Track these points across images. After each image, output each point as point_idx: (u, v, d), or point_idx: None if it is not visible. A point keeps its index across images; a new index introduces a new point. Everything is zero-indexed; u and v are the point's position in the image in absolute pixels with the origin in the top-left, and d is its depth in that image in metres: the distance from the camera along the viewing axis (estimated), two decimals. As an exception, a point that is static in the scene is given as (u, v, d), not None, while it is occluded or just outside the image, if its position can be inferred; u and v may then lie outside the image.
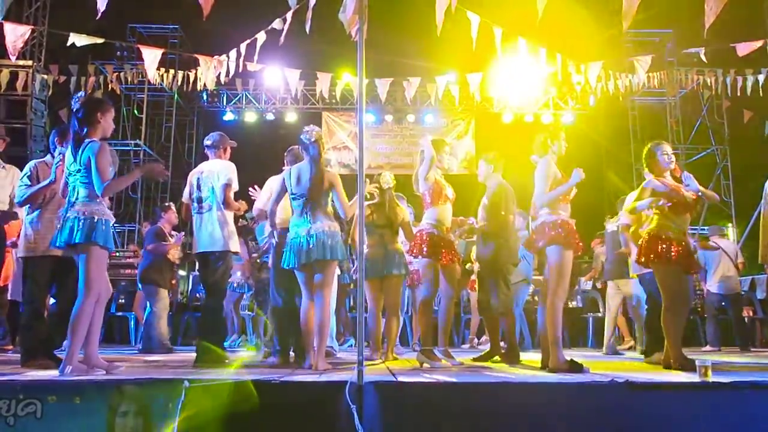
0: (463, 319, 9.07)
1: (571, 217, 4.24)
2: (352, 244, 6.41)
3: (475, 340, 8.24)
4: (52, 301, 5.09)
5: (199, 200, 4.86)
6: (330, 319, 4.50)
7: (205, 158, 5.08)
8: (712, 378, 3.21)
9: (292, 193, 4.38)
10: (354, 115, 14.58)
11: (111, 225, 3.81)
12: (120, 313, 8.86)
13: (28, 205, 4.59)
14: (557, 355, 4.00)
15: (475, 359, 5.27)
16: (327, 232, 4.26)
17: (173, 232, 7.24)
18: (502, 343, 5.52)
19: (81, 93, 3.93)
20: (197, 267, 5.16)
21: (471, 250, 8.01)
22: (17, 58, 6.29)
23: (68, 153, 3.85)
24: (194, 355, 4.89)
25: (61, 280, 4.54)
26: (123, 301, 8.99)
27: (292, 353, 4.87)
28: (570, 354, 4.32)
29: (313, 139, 4.40)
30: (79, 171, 3.78)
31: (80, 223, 3.67)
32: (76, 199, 3.77)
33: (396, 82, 8.78)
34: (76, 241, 3.66)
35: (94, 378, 3.32)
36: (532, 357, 5.57)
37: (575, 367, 3.92)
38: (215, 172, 4.85)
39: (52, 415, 2.90)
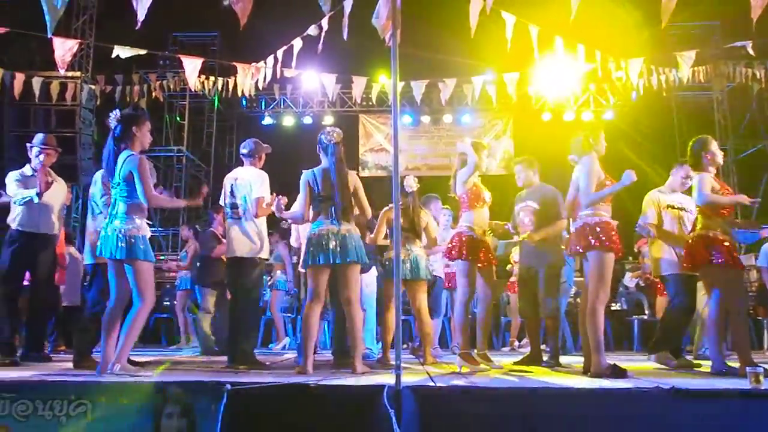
0: (502, 321, 8.99)
1: (612, 217, 4.18)
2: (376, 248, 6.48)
3: (516, 343, 8.16)
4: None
5: (233, 206, 4.94)
6: (361, 321, 4.47)
7: (242, 163, 5.19)
8: (765, 385, 3.10)
9: (318, 195, 4.40)
10: (389, 117, 14.60)
11: (148, 238, 3.95)
12: (165, 315, 9.09)
13: (92, 215, 4.84)
14: (599, 360, 3.93)
15: (516, 363, 5.22)
16: (351, 235, 4.28)
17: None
18: (543, 347, 5.45)
19: (116, 111, 4.06)
20: (228, 272, 5.24)
21: (510, 252, 7.93)
22: (66, 70, 6.50)
23: (100, 173, 4.00)
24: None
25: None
26: (167, 303, 9.23)
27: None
28: (614, 358, 4.24)
29: (333, 140, 4.42)
30: (118, 185, 3.92)
31: (120, 241, 3.83)
32: (116, 213, 3.92)
33: (432, 83, 8.75)
34: (118, 257, 3.86)
35: (141, 380, 3.42)
36: (573, 361, 5.48)
37: (618, 373, 3.84)
38: (249, 181, 4.94)
39: (101, 415, 3.01)
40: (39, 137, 5.41)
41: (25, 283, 5.43)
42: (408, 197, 5.45)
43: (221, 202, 5.10)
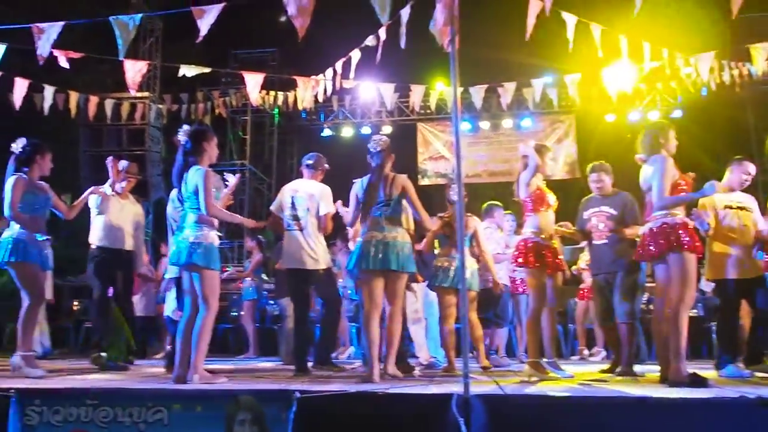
0: (570, 329, 8.75)
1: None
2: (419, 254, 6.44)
3: (585, 351, 7.94)
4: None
5: (295, 218, 5.01)
6: (398, 328, 4.40)
7: (301, 175, 5.27)
8: None
9: (365, 203, 4.37)
10: (449, 125, 14.56)
11: (216, 247, 4.05)
12: (230, 325, 9.30)
13: (171, 232, 5.05)
14: (679, 368, 3.72)
15: (603, 371, 5.09)
16: (396, 242, 4.25)
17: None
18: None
19: (186, 126, 4.21)
20: (289, 282, 5.31)
21: (578, 258, 7.74)
22: (136, 91, 6.79)
23: (175, 192, 4.16)
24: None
25: None
26: (235, 313, 9.44)
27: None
28: (693, 367, 4.05)
29: (379, 148, 4.42)
30: (189, 198, 4.05)
31: (189, 249, 3.94)
32: (187, 224, 4.05)
33: (490, 88, 8.67)
34: (182, 261, 3.98)
35: (214, 388, 3.50)
36: (646, 370, 5.28)
37: (699, 382, 3.63)
38: (314, 195, 5.01)
39: (177, 421, 3.08)
40: (123, 164, 5.69)
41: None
42: (453, 206, 5.40)
43: (274, 209, 5.18)
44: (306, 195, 5.02)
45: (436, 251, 5.59)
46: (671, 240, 3.81)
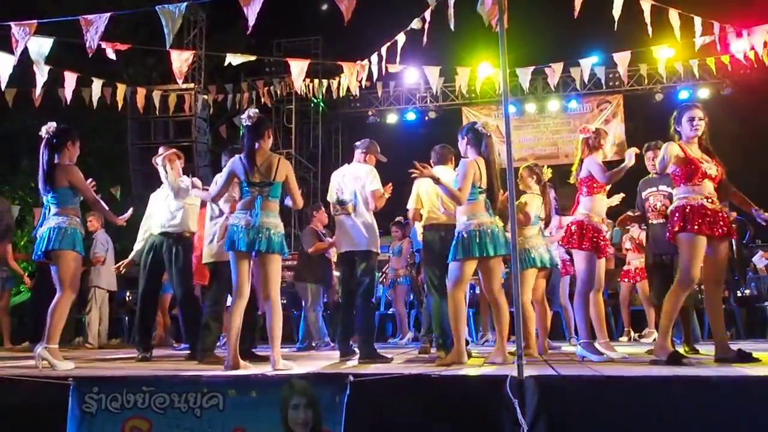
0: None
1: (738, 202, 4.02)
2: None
3: (632, 333, 7.79)
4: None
5: (342, 202, 5.02)
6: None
7: (350, 160, 5.27)
8: None
9: (477, 187, 4.31)
10: (494, 108, 14.37)
11: (282, 234, 4.05)
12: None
13: (209, 218, 5.09)
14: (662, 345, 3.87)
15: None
16: (498, 227, 4.26)
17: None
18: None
19: (252, 110, 4.18)
20: (340, 267, 5.33)
21: (623, 240, 7.60)
22: (182, 82, 6.89)
23: (240, 167, 4.11)
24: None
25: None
26: (285, 301, 9.56)
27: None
28: (749, 347, 3.95)
29: (488, 132, 4.39)
30: (270, 185, 4.04)
31: (270, 235, 3.93)
32: (263, 210, 4.00)
33: (536, 69, 8.48)
34: (270, 251, 3.96)
35: (267, 374, 3.55)
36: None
37: (743, 357, 3.71)
38: (359, 177, 4.99)
39: (232, 407, 3.12)
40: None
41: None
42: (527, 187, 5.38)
43: (330, 199, 5.19)
44: (352, 177, 5.02)
45: None
46: (672, 221, 3.92)
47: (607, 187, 4.62)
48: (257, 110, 4.22)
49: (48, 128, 4.39)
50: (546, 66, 8.06)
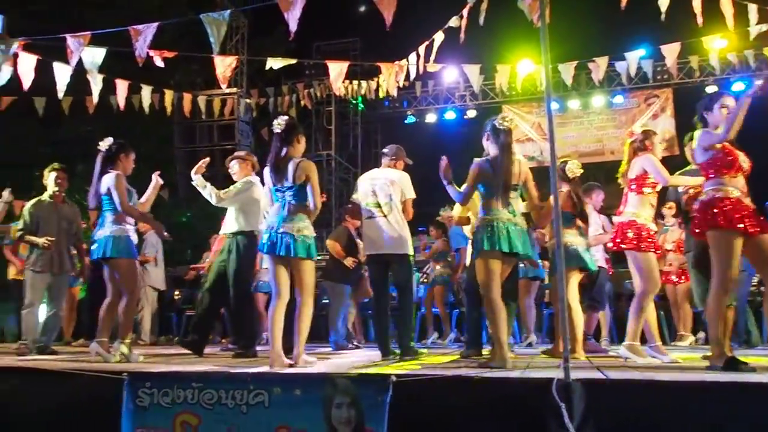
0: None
1: None
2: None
3: (690, 336, 7.55)
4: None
5: (377, 205, 5.03)
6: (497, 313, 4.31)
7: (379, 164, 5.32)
8: None
9: (488, 183, 4.25)
10: (535, 106, 14.18)
11: (313, 238, 4.13)
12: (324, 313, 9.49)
13: None
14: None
15: (705, 357, 4.82)
16: (518, 224, 4.16)
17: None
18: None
19: (282, 117, 4.28)
20: (372, 268, 5.33)
21: (663, 239, 7.40)
22: (226, 87, 7.01)
23: (267, 172, 4.22)
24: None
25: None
26: (326, 300, 9.63)
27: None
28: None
29: (505, 127, 4.29)
30: (291, 188, 4.12)
31: (291, 240, 4.03)
32: (287, 214, 4.11)
33: (579, 64, 8.31)
34: (291, 255, 4.05)
35: (311, 372, 3.57)
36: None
37: None
38: (395, 181, 5.03)
39: (277, 404, 3.16)
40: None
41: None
42: (570, 184, 5.26)
43: (355, 199, 5.21)
44: (387, 181, 5.04)
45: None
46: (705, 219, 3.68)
47: (658, 187, 4.49)
48: (287, 116, 4.32)
49: (105, 143, 4.75)
50: (590, 61, 7.89)
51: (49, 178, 5.96)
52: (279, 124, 4.21)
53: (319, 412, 3.09)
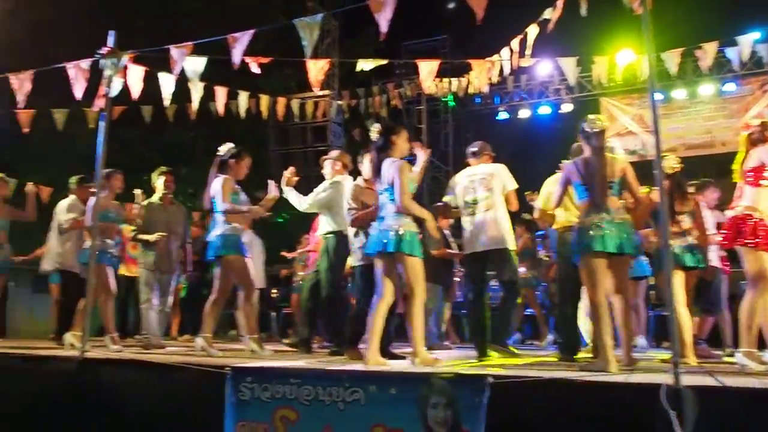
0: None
1: None
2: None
3: None
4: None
5: (474, 202, 4.95)
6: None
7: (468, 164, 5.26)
8: None
9: (581, 185, 4.20)
10: (636, 97, 13.53)
11: (417, 235, 4.11)
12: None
13: None
14: None
15: None
16: (627, 223, 4.04)
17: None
18: None
19: (376, 125, 4.41)
20: (471, 266, 5.24)
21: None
22: (319, 89, 7.16)
23: (368, 169, 4.30)
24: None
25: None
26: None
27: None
28: None
29: (596, 129, 4.18)
30: (386, 189, 4.19)
31: (391, 236, 4.06)
32: (386, 213, 4.18)
33: (685, 52, 7.81)
34: (386, 251, 4.08)
35: (407, 371, 3.57)
36: None
37: None
38: (492, 174, 4.95)
39: (373, 402, 3.19)
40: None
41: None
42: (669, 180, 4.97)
43: (448, 200, 5.15)
44: (485, 175, 4.98)
45: None
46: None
47: None
48: (379, 124, 4.43)
49: (223, 148, 5.07)
50: (696, 47, 7.42)
51: (158, 181, 6.34)
52: (372, 132, 4.38)
53: (415, 412, 3.08)
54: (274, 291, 10.22)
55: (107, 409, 3.81)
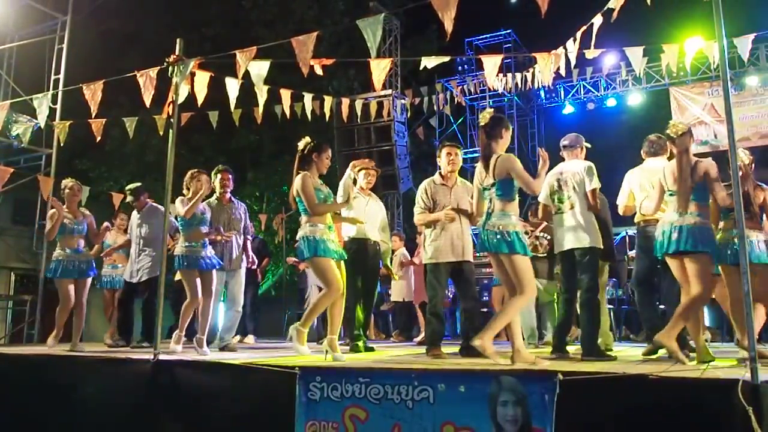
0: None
1: None
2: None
3: None
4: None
5: (560, 200, 4.92)
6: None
7: (562, 159, 5.17)
8: None
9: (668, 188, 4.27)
10: (707, 86, 12.96)
11: (522, 233, 3.99)
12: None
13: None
14: None
15: None
16: (697, 225, 4.00)
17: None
18: None
19: (488, 109, 4.34)
20: (561, 264, 5.18)
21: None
22: (381, 89, 7.23)
23: (480, 168, 4.20)
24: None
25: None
26: (486, 298, 9.61)
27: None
28: None
29: (679, 133, 4.19)
30: (493, 185, 4.06)
31: (496, 237, 3.94)
32: (492, 211, 4.05)
33: (759, 37, 7.46)
34: (499, 251, 3.96)
35: (475, 369, 3.55)
36: None
37: None
38: (578, 172, 4.88)
39: (442, 400, 3.22)
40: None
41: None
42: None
43: (542, 200, 5.10)
44: (571, 174, 4.92)
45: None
46: None
47: None
48: (492, 109, 4.33)
49: (302, 142, 4.85)
50: (771, 32, 7.10)
51: (216, 180, 6.28)
52: (483, 116, 4.18)
53: (485, 410, 3.09)
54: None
55: (180, 408, 3.96)
